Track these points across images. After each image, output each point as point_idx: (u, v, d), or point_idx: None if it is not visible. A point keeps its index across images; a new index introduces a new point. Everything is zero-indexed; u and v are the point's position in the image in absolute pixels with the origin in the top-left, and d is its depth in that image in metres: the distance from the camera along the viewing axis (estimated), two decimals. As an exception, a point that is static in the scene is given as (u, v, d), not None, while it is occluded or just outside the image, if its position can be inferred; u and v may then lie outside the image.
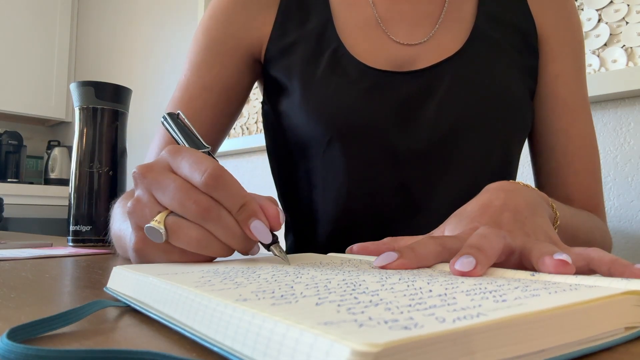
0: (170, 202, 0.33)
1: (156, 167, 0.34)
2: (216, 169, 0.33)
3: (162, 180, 0.33)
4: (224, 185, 0.33)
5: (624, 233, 0.96)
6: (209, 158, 0.34)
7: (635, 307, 0.21)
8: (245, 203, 0.33)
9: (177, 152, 0.35)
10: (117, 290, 0.30)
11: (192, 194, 0.32)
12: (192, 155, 0.34)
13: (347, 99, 0.58)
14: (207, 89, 0.64)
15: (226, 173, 0.33)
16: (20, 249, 0.65)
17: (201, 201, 0.32)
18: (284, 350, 0.15)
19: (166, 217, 0.33)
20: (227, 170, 0.34)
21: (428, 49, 0.61)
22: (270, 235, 0.34)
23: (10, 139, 2.81)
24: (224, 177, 0.33)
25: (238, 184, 0.34)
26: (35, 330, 0.21)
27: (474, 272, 0.27)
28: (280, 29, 0.64)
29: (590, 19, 1.01)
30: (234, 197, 0.33)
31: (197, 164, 0.33)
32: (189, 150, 0.35)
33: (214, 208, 0.32)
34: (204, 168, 0.32)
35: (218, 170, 0.33)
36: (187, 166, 0.33)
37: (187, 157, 0.34)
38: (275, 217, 0.34)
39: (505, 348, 0.16)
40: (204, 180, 0.32)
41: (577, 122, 0.63)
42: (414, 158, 0.59)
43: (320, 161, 0.61)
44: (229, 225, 0.33)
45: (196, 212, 0.32)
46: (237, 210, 0.33)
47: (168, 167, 0.35)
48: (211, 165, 0.33)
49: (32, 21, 2.97)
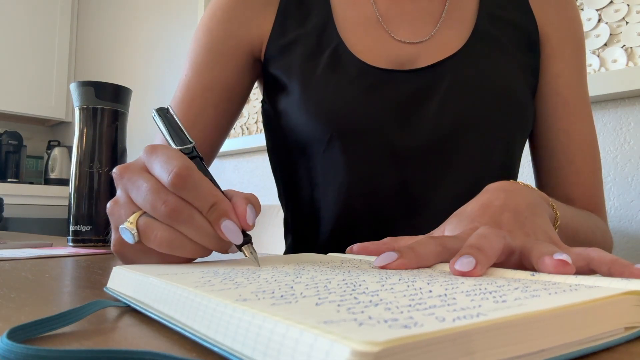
0: (143, 202, 0.33)
1: (132, 167, 0.34)
2: (183, 168, 0.32)
3: (136, 180, 0.33)
4: (193, 185, 0.32)
5: (624, 233, 0.96)
6: (179, 157, 0.33)
7: (635, 307, 0.21)
8: (216, 202, 0.32)
9: (152, 151, 0.34)
10: (117, 290, 0.30)
11: (162, 195, 0.32)
12: (164, 154, 0.33)
13: (347, 97, 0.58)
14: (208, 89, 0.64)
15: (195, 172, 0.32)
16: (20, 249, 0.65)
17: (170, 202, 0.32)
18: (284, 350, 0.15)
19: (139, 218, 0.33)
20: (197, 169, 0.33)
21: (429, 47, 0.61)
22: (242, 235, 0.33)
23: (10, 139, 2.81)
24: (191, 176, 0.32)
25: (208, 183, 0.33)
26: (35, 330, 0.21)
27: (473, 272, 0.27)
28: (280, 27, 0.64)
29: (590, 19, 1.01)
30: (204, 196, 0.32)
31: (166, 163, 0.32)
32: (163, 148, 0.34)
33: (183, 209, 0.32)
34: (171, 168, 0.32)
35: (185, 169, 0.32)
36: (158, 166, 0.33)
37: (160, 155, 0.33)
38: (244, 218, 0.33)
39: (505, 348, 0.16)
40: (171, 180, 0.32)
41: (578, 121, 0.63)
42: (415, 157, 0.58)
43: (320, 160, 0.61)
44: (200, 225, 0.32)
45: (165, 213, 0.32)
46: (208, 210, 0.32)
47: (144, 167, 0.34)
48: (179, 164, 0.32)
49: (32, 21, 2.97)
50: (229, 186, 1.93)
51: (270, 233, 1.28)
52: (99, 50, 2.95)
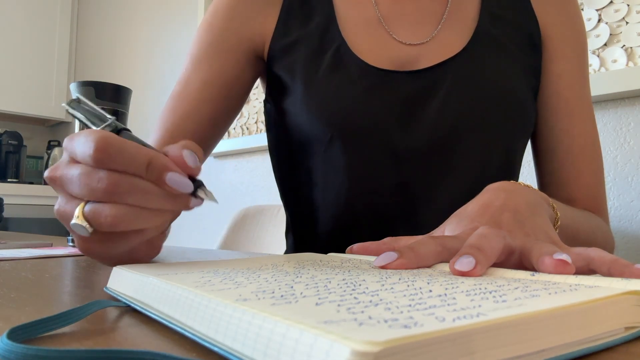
0: (80, 191, 0.31)
1: (60, 164, 0.33)
2: (100, 140, 0.30)
3: (66, 174, 0.32)
4: (118, 152, 0.30)
5: (624, 233, 0.96)
6: (93, 132, 0.31)
7: (635, 307, 0.21)
8: (151, 160, 0.30)
9: (69, 140, 0.32)
10: (117, 290, 0.30)
11: (93, 175, 0.30)
12: (80, 137, 0.31)
13: (348, 97, 0.58)
14: (207, 84, 0.64)
15: (114, 139, 0.30)
16: (20, 249, 0.65)
17: (104, 178, 0.30)
18: (284, 350, 0.15)
19: (83, 209, 0.31)
20: (115, 136, 0.31)
21: (431, 48, 0.61)
22: (190, 183, 0.31)
23: (11, 139, 2.81)
24: (112, 144, 0.30)
25: (133, 144, 0.31)
26: (35, 330, 0.21)
27: (473, 272, 0.27)
28: (283, 27, 0.64)
29: (590, 19, 1.01)
30: (134, 159, 0.30)
31: (84, 143, 0.30)
32: (78, 133, 0.32)
33: (120, 179, 0.30)
34: (90, 145, 0.30)
35: (101, 140, 0.30)
36: (79, 150, 0.31)
37: (76, 141, 0.31)
38: (185, 165, 0.31)
39: (505, 348, 0.16)
40: (93, 156, 0.29)
41: (580, 122, 0.63)
42: (415, 157, 0.58)
43: (321, 160, 0.61)
44: (145, 189, 0.30)
45: (104, 191, 0.30)
46: (146, 171, 0.30)
47: (70, 160, 0.32)
48: (95, 137, 0.30)
49: (32, 21, 2.97)
50: (229, 186, 1.93)
51: (271, 233, 1.28)
52: (99, 50, 2.95)
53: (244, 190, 1.87)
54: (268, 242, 1.27)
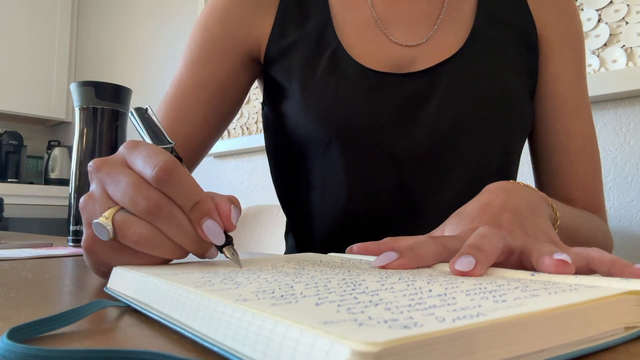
0: (121, 197, 0.31)
1: (111, 161, 0.33)
2: (169, 162, 0.31)
3: (115, 174, 0.32)
4: (178, 180, 0.31)
5: (624, 233, 0.96)
6: (164, 152, 0.32)
7: (635, 307, 0.21)
8: (200, 201, 0.31)
9: (133, 146, 0.33)
10: (117, 290, 0.30)
11: (143, 190, 0.30)
12: (148, 149, 0.32)
13: (346, 100, 0.58)
14: (201, 87, 0.63)
15: (180, 168, 0.31)
16: (20, 249, 0.65)
17: (152, 197, 0.30)
18: (284, 350, 0.15)
19: (115, 213, 0.31)
20: (182, 166, 0.32)
21: (427, 50, 0.61)
22: (224, 236, 0.32)
23: (11, 139, 2.81)
24: (177, 171, 0.31)
25: (193, 180, 0.32)
26: (35, 330, 0.21)
27: (473, 272, 0.27)
28: (279, 30, 0.64)
29: (590, 19, 1.01)
30: (188, 193, 0.31)
31: (150, 157, 0.31)
32: (146, 144, 0.33)
33: (165, 205, 0.30)
34: (156, 162, 0.30)
35: (171, 164, 0.31)
36: (141, 160, 0.31)
37: (142, 150, 0.32)
38: (227, 218, 0.32)
39: (505, 348, 0.16)
40: (155, 174, 0.30)
41: (577, 122, 0.63)
42: (414, 159, 0.58)
43: (319, 162, 0.61)
44: (181, 223, 0.31)
45: (146, 209, 0.30)
46: (190, 208, 0.31)
47: (124, 162, 0.33)
48: (164, 158, 0.31)
49: (32, 21, 2.97)
50: (229, 186, 1.93)
51: (270, 233, 1.28)
52: (99, 50, 2.95)
53: (244, 190, 1.87)
54: (268, 242, 1.27)
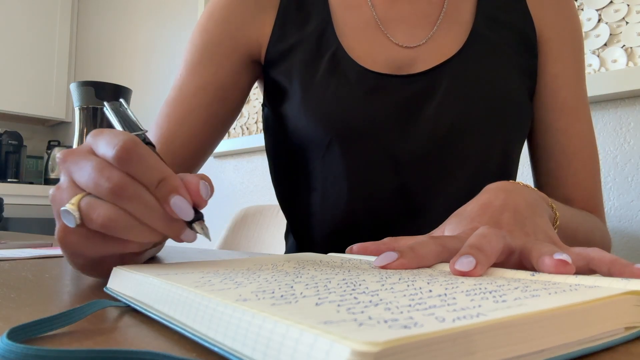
0: (86, 182, 0.30)
1: (77, 150, 0.32)
2: (128, 141, 0.30)
3: (79, 161, 0.31)
4: (139, 158, 0.30)
5: (624, 233, 0.96)
6: (125, 133, 0.31)
7: (635, 307, 0.21)
8: (165, 178, 0.31)
9: (97, 133, 0.32)
10: (117, 290, 0.30)
11: (105, 172, 0.30)
12: (110, 134, 0.31)
13: (346, 101, 0.58)
14: (203, 89, 0.63)
15: (141, 146, 0.30)
16: (20, 249, 0.65)
17: (114, 177, 0.29)
18: (284, 350, 0.15)
19: (81, 199, 0.30)
20: (143, 144, 0.31)
21: (427, 51, 0.61)
22: (192, 211, 0.31)
23: (11, 139, 2.81)
24: (137, 149, 0.30)
25: (156, 158, 0.31)
26: (35, 330, 0.21)
27: (473, 272, 0.27)
28: (280, 31, 0.64)
29: (590, 19, 1.01)
30: (151, 171, 0.30)
31: (111, 139, 0.30)
32: (110, 130, 0.32)
33: (129, 184, 0.30)
34: (116, 142, 0.30)
35: (130, 142, 0.30)
36: (103, 143, 0.31)
37: (106, 135, 0.31)
38: (197, 192, 0.31)
39: (505, 348, 0.16)
40: (115, 154, 0.29)
41: (576, 122, 0.63)
42: (414, 161, 0.58)
43: (319, 164, 0.61)
44: (147, 202, 0.30)
45: (109, 189, 0.29)
46: (156, 186, 0.30)
47: (89, 149, 0.32)
48: (125, 137, 0.30)
49: (32, 21, 2.97)
50: (229, 186, 1.93)
51: (270, 233, 1.28)
52: (99, 50, 2.95)
53: (244, 190, 1.87)
54: (268, 242, 1.27)
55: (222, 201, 1.94)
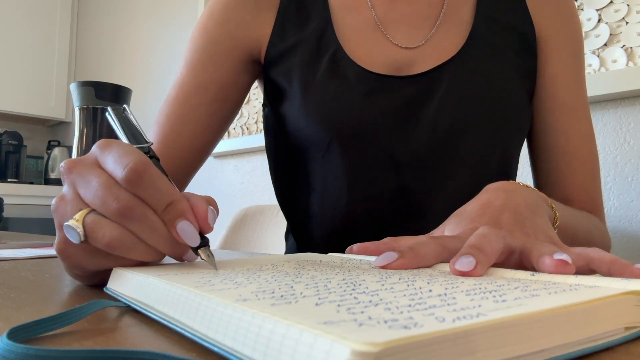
0: (92, 199, 0.30)
1: (83, 161, 0.32)
2: (139, 163, 0.30)
3: (86, 175, 0.31)
4: (149, 181, 0.30)
5: (623, 233, 0.96)
6: (136, 152, 0.31)
7: (635, 307, 0.21)
8: (173, 201, 0.30)
9: (106, 145, 0.32)
10: (117, 290, 0.30)
11: (114, 191, 0.30)
12: (119, 149, 0.31)
13: (346, 102, 0.58)
14: (203, 88, 0.64)
15: (151, 168, 0.30)
16: (20, 249, 0.65)
17: (122, 198, 0.29)
18: (284, 350, 0.15)
19: (86, 216, 0.30)
20: (154, 166, 0.31)
21: (426, 52, 0.61)
22: (198, 237, 0.31)
23: (11, 139, 2.81)
24: (148, 171, 0.30)
25: (166, 181, 0.31)
26: (35, 330, 0.21)
27: (473, 272, 0.27)
28: (279, 31, 0.64)
29: (590, 19, 1.01)
30: (160, 194, 0.30)
31: (121, 157, 0.30)
32: (118, 143, 0.32)
33: (137, 206, 0.29)
34: (126, 162, 0.30)
35: (141, 164, 0.30)
36: (112, 160, 0.31)
37: (114, 150, 0.31)
38: (204, 219, 0.31)
39: (505, 348, 0.16)
40: (125, 175, 0.29)
41: (576, 122, 0.63)
42: (413, 161, 0.58)
43: (319, 164, 0.61)
44: (154, 225, 0.30)
45: (117, 210, 0.29)
46: (164, 210, 0.30)
47: (95, 162, 0.32)
48: (135, 159, 0.30)
49: (32, 21, 2.97)
50: (229, 186, 1.93)
51: (271, 233, 1.28)
52: (99, 50, 2.95)
53: (244, 190, 1.87)
54: (268, 242, 1.27)
55: (222, 201, 1.94)
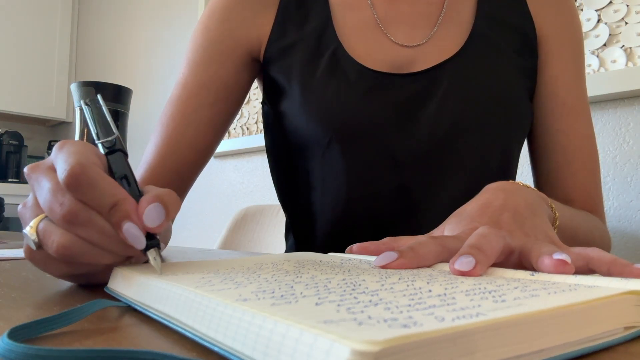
0: (43, 204, 0.30)
1: (41, 165, 0.32)
2: (76, 166, 0.29)
3: (40, 180, 0.31)
4: (88, 184, 0.29)
5: (623, 233, 0.96)
6: (80, 152, 0.30)
7: (634, 306, 0.21)
8: (117, 202, 0.29)
9: (60, 147, 0.31)
10: (117, 290, 0.30)
11: (59, 196, 0.29)
12: (66, 152, 0.30)
13: (346, 100, 0.58)
14: (205, 87, 0.64)
15: (91, 170, 0.29)
16: (21, 249, 0.65)
17: (66, 204, 0.29)
18: (284, 350, 0.15)
19: (39, 223, 0.30)
20: (95, 166, 0.30)
21: (427, 50, 0.61)
22: (144, 240, 0.29)
23: (11, 139, 2.82)
24: (85, 174, 0.29)
25: (108, 181, 0.30)
26: (35, 330, 0.21)
27: (473, 272, 0.27)
28: (279, 29, 0.64)
29: (590, 19, 1.01)
30: (102, 196, 0.29)
31: (65, 161, 0.29)
32: (71, 144, 0.32)
33: (80, 211, 0.29)
34: (66, 166, 0.29)
35: (78, 167, 0.29)
36: (59, 164, 0.30)
37: (63, 152, 0.30)
38: (149, 219, 0.29)
39: (504, 348, 0.16)
40: (64, 180, 0.29)
41: (576, 122, 0.63)
42: (413, 160, 0.58)
43: (319, 163, 0.61)
44: (101, 228, 0.29)
45: (62, 217, 0.29)
46: (108, 211, 0.29)
47: (51, 166, 0.31)
48: (73, 161, 0.29)
49: (33, 21, 2.97)
50: (229, 186, 1.93)
51: (270, 233, 1.28)
52: (100, 50, 2.95)
53: (244, 190, 1.87)
54: (268, 242, 1.27)
55: (222, 201, 1.94)
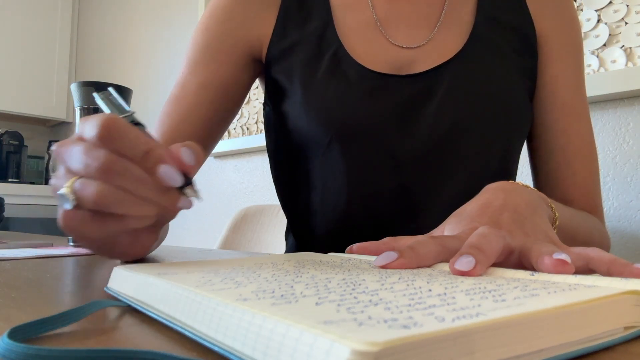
0: (77, 166, 0.32)
1: (68, 139, 0.33)
2: (107, 120, 0.31)
3: (70, 148, 0.32)
4: (120, 134, 0.31)
5: (623, 233, 0.96)
6: (105, 114, 0.32)
7: (634, 306, 0.21)
8: (150, 149, 0.31)
9: (85, 120, 0.33)
10: (117, 290, 0.30)
11: (93, 152, 0.31)
12: (94, 117, 0.32)
13: (346, 101, 0.58)
14: (204, 87, 0.64)
15: (121, 122, 0.31)
16: (21, 249, 0.65)
17: (101, 156, 0.30)
18: (284, 350, 0.15)
19: (74, 182, 0.32)
20: (123, 120, 0.32)
21: (427, 51, 0.61)
22: (181, 177, 0.32)
23: (11, 139, 2.82)
24: (117, 125, 0.31)
25: (138, 132, 0.32)
26: (36, 329, 0.21)
27: (473, 272, 0.27)
28: (281, 30, 0.64)
29: (590, 20, 1.01)
30: (135, 145, 0.31)
31: (93, 123, 0.31)
32: (96, 115, 0.33)
33: (115, 160, 0.30)
34: (97, 122, 0.31)
35: (109, 120, 0.31)
36: (88, 128, 0.32)
37: (90, 120, 0.32)
38: (181, 161, 0.32)
39: (504, 348, 0.16)
40: (97, 134, 0.30)
41: (576, 123, 0.63)
42: (414, 160, 0.59)
43: (320, 163, 0.61)
44: (136, 175, 0.31)
45: (98, 168, 0.30)
46: (142, 158, 0.31)
47: (79, 137, 0.33)
48: (104, 117, 0.31)
49: (33, 21, 2.97)
50: (229, 186, 1.93)
51: (270, 233, 1.28)
52: (100, 50, 2.95)
53: (244, 190, 1.87)
54: (268, 242, 1.27)
55: (222, 201, 1.94)
